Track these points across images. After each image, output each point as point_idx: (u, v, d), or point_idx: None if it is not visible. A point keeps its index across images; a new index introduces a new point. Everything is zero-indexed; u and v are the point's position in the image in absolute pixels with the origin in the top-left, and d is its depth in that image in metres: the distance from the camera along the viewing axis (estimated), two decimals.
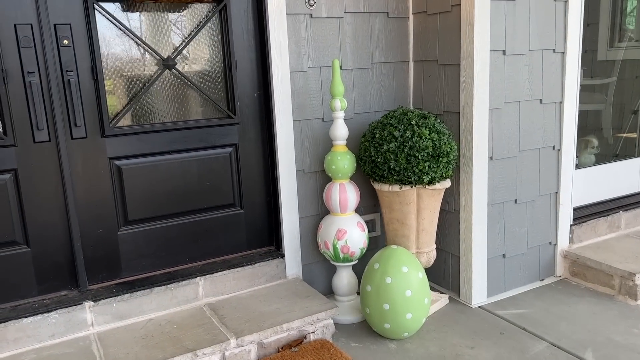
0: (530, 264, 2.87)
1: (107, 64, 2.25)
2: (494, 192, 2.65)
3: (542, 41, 2.66)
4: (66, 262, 2.30)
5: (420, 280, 2.33)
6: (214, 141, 2.51)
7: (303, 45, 2.54)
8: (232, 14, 2.43)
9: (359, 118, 2.76)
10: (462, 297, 2.74)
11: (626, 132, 3.81)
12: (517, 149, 2.69)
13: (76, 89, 2.16)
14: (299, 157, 2.63)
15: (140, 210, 2.41)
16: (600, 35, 3.73)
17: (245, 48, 2.50)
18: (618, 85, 3.72)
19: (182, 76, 2.40)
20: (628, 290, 2.66)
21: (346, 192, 2.50)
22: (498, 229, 2.71)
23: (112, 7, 2.22)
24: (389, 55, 2.78)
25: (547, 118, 2.76)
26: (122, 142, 2.32)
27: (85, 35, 2.17)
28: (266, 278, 2.62)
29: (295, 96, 2.56)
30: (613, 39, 3.74)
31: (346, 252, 2.52)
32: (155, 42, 2.33)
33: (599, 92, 3.81)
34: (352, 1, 2.62)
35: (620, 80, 3.71)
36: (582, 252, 2.88)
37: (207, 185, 2.53)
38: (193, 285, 2.44)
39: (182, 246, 2.53)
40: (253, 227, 2.68)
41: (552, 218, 2.89)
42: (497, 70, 2.54)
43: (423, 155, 2.34)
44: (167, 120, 2.42)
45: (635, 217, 3.23)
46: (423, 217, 2.51)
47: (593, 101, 3.85)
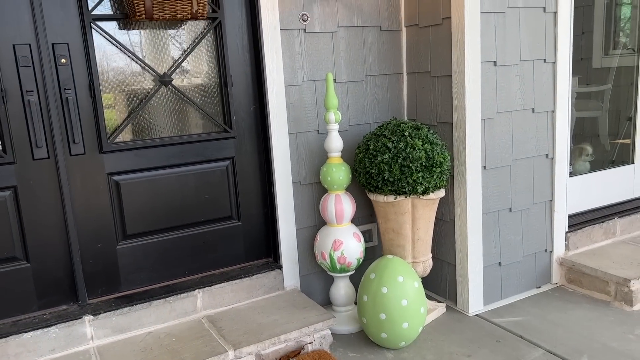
0: (526, 271, 2.89)
1: (105, 81, 2.29)
2: (488, 201, 2.68)
3: (533, 52, 2.70)
4: (66, 276, 2.33)
5: (416, 289, 2.35)
6: (210, 155, 2.55)
7: (297, 60, 2.59)
8: (226, 30, 2.48)
9: (354, 130, 2.80)
10: (459, 305, 2.76)
11: (622, 139, 3.84)
12: (511, 158, 2.72)
13: (74, 106, 2.21)
14: (295, 169, 2.66)
15: (138, 224, 2.44)
16: (595, 43, 3.78)
17: (240, 63, 2.55)
18: (613, 92, 3.75)
19: (179, 92, 2.45)
20: (624, 297, 2.68)
21: (342, 203, 2.53)
22: (493, 238, 2.74)
23: (108, 26, 2.27)
24: (383, 68, 2.83)
25: (540, 127, 2.80)
26: (120, 158, 2.36)
27: (83, 54, 2.22)
28: (264, 290, 2.65)
29: (290, 109, 2.60)
30: (608, 47, 3.78)
31: (343, 263, 2.54)
32: (151, 59, 2.38)
33: (595, 100, 3.85)
34: (344, 15, 2.67)
35: (616, 87, 3.75)
36: (577, 259, 2.91)
37: (204, 199, 2.57)
38: (191, 298, 2.47)
39: (180, 259, 2.56)
40: (250, 239, 2.71)
41: (547, 226, 2.92)
42: (488, 81, 2.58)
43: (416, 166, 2.37)
44: (165, 135, 2.46)
45: (630, 223, 3.25)
46: (418, 226, 2.54)
47: (589, 108, 3.89)
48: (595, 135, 3.89)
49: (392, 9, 2.80)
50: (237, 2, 2.49)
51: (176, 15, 2.15)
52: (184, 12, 2.15)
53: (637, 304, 2.66)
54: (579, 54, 3.93)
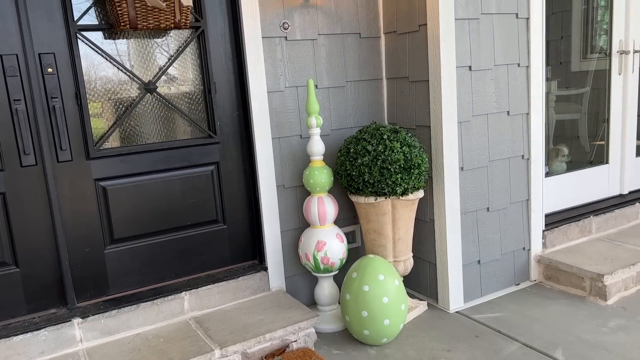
0: (505, 269, 2.98)
1: (91, 89, 2.36)
2: (466, 201, 2.77)
3: (507, 56, 2.80)
4: (54, 281, 2.38)
5: (396, 287, 2.43)
6: (195, 160, 2.61)
7: (279, 67, 2.67)
8: (209, 39, 2.55)
9: (336, 134, 2.88)
10: (440, 303, 2.84)
11: (600, 140, 3.96)
12: (487, 159, 2.81)
13: (61, 114, 2.27)
14: (279, 173, 2.74)
15: (125, 228, 2.50)
16: (574, 47, 3.89)
17: (223, 70, 2.62)
18: (592, 95, 3.87)
19: (164, 99, 2.51)
20: (598, 291, 2.78)
21: (324, 205, 2.60)
22: (472, 237, 2.83)
23: (94, 36, 2.33)
24: (363, 74, 2.91)
25: (515, 129, 2.90)
26: (107, 164, 2.42)
27: (69, 63, 2.28)
28: (250, 291, 2.71)
29: (273, 115, 2.68)
30: (585, 51, 3.90)
31: (326, 263, 2.61)
32: (136, 67, 2.45)
33: (574, 102, 3.97)
34: (325, 23, 2.76)
35: (594, 90, 3.86)
36: (554, 257, 3.00)
37: (190, 203, 2.63)
38: (179, 300, 2.53)
39: (167, 262, 2.62)
40: (236, 242, 2.78)
41: (524, 224, 3.01)
42: (464, 85, 2.67)
43: (395, 168, 2.45)
44: (150, 141, 2.52)
45: (605, 221, 3.36)
46: (398, 226, 2.62)
47: (569, 111, 4.00)
48: (575, 137, 4.00)
49: (371, 16, 2.89)
50: (220, 12, 2.57)
51: (160, 25, 2.22)
52: (167, 22, 2.22)
53: (610, 298, 2.76)
54: (558, 57, 4.04)
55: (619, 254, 2.98)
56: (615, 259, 2.91)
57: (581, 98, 3.92)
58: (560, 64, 4.01)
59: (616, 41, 3.51)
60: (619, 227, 3.42)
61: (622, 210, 3.44)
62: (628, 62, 3.54)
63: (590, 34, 3.86)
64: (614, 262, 2.88)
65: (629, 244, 3.14)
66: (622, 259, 2.91)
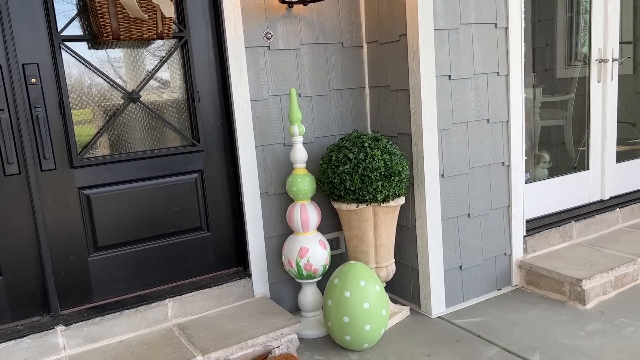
0: (486, 274, 3.02)
1: (75, 99, 2.38)
2: (447, 208, 2.81)
3: (486, 65, 2.86)
4: (38, 288, 2.39)
5: (377, 293, 2.46)
6: (179, 168, 2.64)
7: (262, 76, 2.71)
8: (193, 49, 2.59)
9: (320, 142, 2.92)
10: (422, 308, 2.88)
11: (583, 146, 4.03)
12: (468, 166, 2.86)
13: (44, 123, 2.29)
14: (263, 180, 2.77)
15: (109, 236, 2.52)
16: (558, 54, 3.96)
17: (207, 79, 2.66)
18: (576, 101, 3.93)
19: (147, 108, 2.55)
20: (577, 296, 2.83)
21: (307, 212, 2.64)
22: (453, 242, 2.87)
23: (78, 46, 2.36)
24: (346, 82, 2.96)
25: (495, 136, 2.95)
26: (91, 172, 2.44)
27: (53, 73, 2.31)
28: (234, 297, 2.74)
29: (256, 123, 2.72)
30: (570, 58, 3.97)
31: (309, 270, 2.65)
32: (120, 76, 2.48)
33: (560, 109, 4.04)
34: (307, 33, 2.80)
35: (578, 97, 3.93)
36: (535, 262, 3.05)
37: (174, 211, 2.66)
38: (162, 307, 2.55)
39: (151, 270, 2.64)
40: (220, 249, 2.80)
41: (505, 230, 3.06)
42: (444, 94, 2.72)
43: (376, 175, 2.50)
44: (134, 149, 2.55)
45: (586, 226, 3.41)
46: (380, 233, 2.66)
47: (554, 117, 4.07)
48: (561, 143, 4.07)
49: (354, 26, 2.94)
50: (204, 22, 2.60)
51: (142, 35, 2.25)
52: (149, 33, 2.25)
53: (589, 302, 2.81)
54: (544, 65, 4.12)
55: (598, 259, 3.03)
56: (594, 264, 2.97)
57: (566, 104, 3.99)
58: (545, 70, 4.08)
59: (595, 50, 3.58)
60: (600, 233, 3.47)
61: (602, 216, 3.50)
62: (607, 70, 3.61)
63: (575, 41, 3.94)
64: (592, 267, 2.93)
65: (608, 249, 3.19)
66: (601, 264, 2.97)
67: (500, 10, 2.86)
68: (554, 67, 4.01)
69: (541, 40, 4.05)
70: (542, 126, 4.11)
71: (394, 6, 2.71)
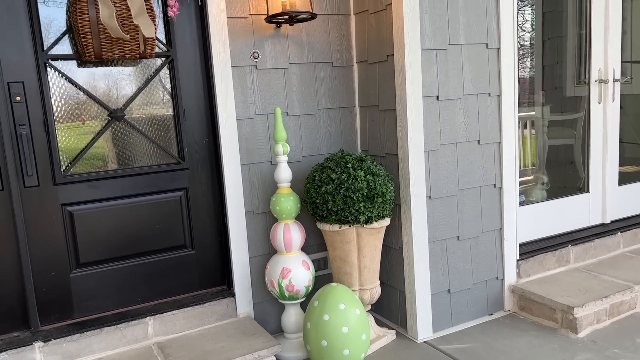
0: (477, 299, 2.95)
1: (59, 116, 2.41)
2: (434, 230, 2.76)
3: (477, 86, 2.82)
4: (19, 304, 2.41)
5: (357, 317, 2.41)
6: (164, 186, 2.65)
7: (249, 95, 2.71)
8: (179, 67, 2.61)
9: (308, 160, 2.91)
10: (409, 332, 2.82)
11: None
12: (457, 188, 2.81)
13: (28, 141, 2.32)
14: (248, 199, 2.76)
15: (92, 253, 2.53)
16: (568, 72, 3.90)
17: (193, 98, 2.67)
18: (586, 120, 3.85)
19: (132, 126, 2.56)
20: (569, 324, 2.74)
21: (290, 232, 2.62)
22: (441, 265, 2.81)
23: (63, 65, 2.40)
24: (336, 101, 2.95)
25: (486, 158, 2.90)
26: (74, 189, 2.46)
27: (38, 91, 2.34)
28: (217, 317, 2.72)
29: (243, 142, 2.71)
30: (579, 76, 3.90)
31: (291, 290, 2.62)
32: (105, 95, 2.51)
33: (569, 127, 3.96)
34: (296, 53, 2.80)
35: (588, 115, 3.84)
36: (528, 287, 2.97)
37: (158, 228, 2.66)
38: (143, 325, 2.54)
39: (133, 287, 2.64)
40: (204, 267, 2.79)
41: (497, 254, 2.99)
42: (431, 115, 2.69)
43: (358, 196, 2.47)
44: (119, 167, 2.57)
45: (584, 250, 3.32)
46: (364, 254, 2.62)
47: (563, 136, 3.99)
48: (569, 162, 3.98)
49: (344, 46, 2.93)
50: (190, 41, 2.63)
51: (125, 55, 2.28)
52: (132, 53, 2.28)
53: (582, 331, 2.71)
54: (553, 82, 4.06)
55: (593, 286, 2.94)
56: (588, 291, 2.87)
57: (575, 123, 3.92)
58: (555, 89, 4.02)
59: (595, 70, 3.51)
60: (599, 257, 3.37)
61: (602, 240, 3.40)
62: (608, 91, 3.53)
63: (584, 59, 3.87)
64: (587, 293, 2.84)
65: (606, 275, 3.09)
66: (596, 290, 2.87)
67: (491, 31, 2.83)
68: (563, 85, 3.94)
69: (551, 58, 4.00)
70: (550, 145, 4.05)
71: (382, 26, 2.70)
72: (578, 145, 3.91)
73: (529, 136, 3.99)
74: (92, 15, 2.14)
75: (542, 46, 4.05)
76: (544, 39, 4.04)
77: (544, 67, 4.04)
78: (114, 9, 2.14)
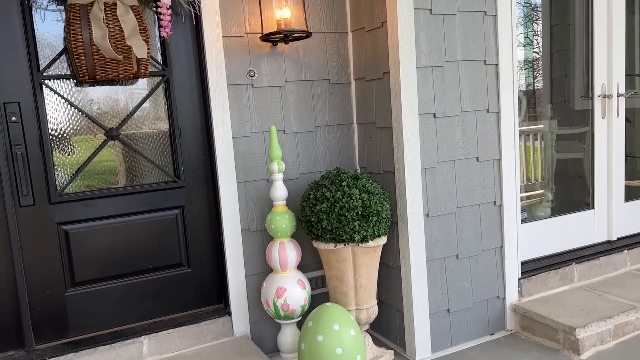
0: (477, 318, 2.89)
1: (55, 136, 2.43)
2: (432, 248, 2.72)
3: (475, 103, 2.79)
4: (13, 323, 2.42)
5: (352, 337, 2.37)
6: (159, 204, 2.65)
7: (245, 113, 2.71)
8: (174, 86, 2.62)
9: (305, 178, 2.89)
10: (407, 352, 2.77)
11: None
12: (455, 206, 2.77)
13: (23, 160, 2.34)
14: (244, 217, 2.75)
15: (87, 271, 2.54)
16: (576, 86, 3.86)
17: (189, 116, 2.68)
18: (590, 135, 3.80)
19: (127, 145, 2.58)
20: (571, 345, 2.67)
21: (285, 250, 2.60)
22: (440, 284, 2.77)
23: (59, 85, 2.42)
24: (333, 119, 2.94)
25: (486, 175, 2.86)
26: (70, 208, 2.47)
27: (34, 111, 2.37)
28: (212, 336, 2.70)
29: (239, 159, 2.71)
30: (588, 89, 3.86)
31: (286, 310, 2.59)
32: (101, 114, 2.52)
33: (578, 141, 3.91)
34: (292, 71, 2.80)
35: None
36: (530, 306, 2.91)
37: (154, 246, 2.66)
38: (137, 344, 2.53)
39: (129, 305, 2.63)
40: (200, 286, 2.78)
41: (498, 272, 2.94)
42: (428, 132, 2.66)
43: (352, 215, 2.44)
44: (114, 186, 2.58)
45: (589, 269, 3.25)
46: (360, 274, 2.59)
47: (571, 150, 3.94)
48: (578, 176, 3.92)
49: (341, 63, 2.93)
50: (186, 60, 2.64)
51: (118, 75, 2.29)
52: (125, 73, 2.29)
53: (584, 352, 2.64)
54: (561, 96, 4.01)
55: (597, 305, 2.87)
56: (592, 311, 2.80)
57: (584, 137, 3.86)
58: (563, 102, 3.97)
59: (598, 84, 3.46)
60: (605, 276, 3.30)
61: (608, 258, 3.33)
62: (612, 106, 3.48)
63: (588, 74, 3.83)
64: (590, 314, 2.77)
65: (611, 294, 3.02)
66: (600, 310, 2.80)
67: (490, 47, 2.80)
68: (571, 98, 3.90)
69: (559, 71, 3.96)
70: (558, 159, 3.99)
71: (378, 43, 2.69)
72: (587, 159, 3.85)
73: (538, 149, 3.94)
74: (85, 37, 2.16)
75: (550, 59, 4.01)
76: (552, 51, 4.00)
77: (552, 80, 4.00)
78: (107, 30, 2.16)
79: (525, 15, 3.87)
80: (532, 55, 4.02)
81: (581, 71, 3.79)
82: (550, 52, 3.99)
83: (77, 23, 2.15)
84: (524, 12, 3.83)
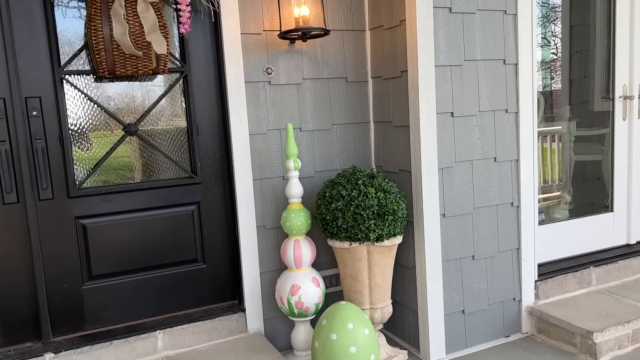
0: (493, 320, 2.87)
1: (74, 131, 2.46)
2: (448, 249, 2.70)
3: (493, 102, 2.76)
4: (31, 315, 2.45)
5: (366, 336, 2.37)
6: (176, 200, 2.67)
7: (262, 110, 2.72)
8: (193, 83, 2.63)
9: (320, 176, 2.89)
10: (421, 353, 2.75)
11: None
12: (472, 206, 2.75)
13: (44, 155, 2.37)
14: (260, 214, 2.75)
15: (104, 265, 2.56)
16: (596, 87, 3.81)
17: (207, 113, 2.69)
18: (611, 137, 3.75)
19: (145, 141, 2.59)
20: (588, 349, 2.63)
21: (300, 248, 2.60)
22: (455, 285, 2.74)
23: (79, 80, 2.45)
24: (350, 117, 2.93)
25: (503, 176, 2.83)
26: (88, 203, 2.50)
27: (54, 106, 2.39)
28: (226, 332, 2.71)
29: (255, 157, 2.72)
30: (607, 90, 3.81)
31: (300, 308, 2.59)
32: (119, 110, 2.54)
33: (597, 143, 3.86)
34: (310, 68, 2.80)
35: None
36: (546, 309, 2.87)
37: (170, 242, 2.67)
38: (152, 339, 2.55)
39: (145, 300, 2.65)
40: (215, 282, 2.79)
41: (514, 274, 2.91)
42: (445, 131, 2.64)
43: (368, 214, 2.43)
44: (132, 181, 2.60)
45: (607, 272, 3.20)
46: (375, 273, 2.58)
47: (590, 152, 3.89)
48: (597, 178, 3.87)
49: (359, 61, 2.92)
50: (204, 57, 2.65)
51: (137, 71, 2.31)
52: (145, 69, 2.31)
53: (601, 357, 2.61)
54: (580, 97, 3.96)
55: (615, 310, 2.83)
56: (610, 315, 2.76)
57: (603, 139, 3.81)
58: (582, 103, 3.92)
59: (619, 85, 3.41)
60: (623, 280, 3.25)
61: (627, 262, 3.27)
62: (633, 107, 3.43)
63: (608, 74, 3.77)
64: (608, 318, 2.73)
65: (629, 298, 2.98)
66: (618, 315, 2.76)
67: (509, 46, 2.77)
68: (590, 99, 3.84)
69: (578, 72, 3.91)
70: (576, 161, 3.94)
71: (396, 42, 2.68)
72: (606, 162, 3.79)
73: (556, 151, 3.90)
74: (105, 32, 2.17)
75: (569, 59, 3.95)
76: (572, 52, 3.95)
77: (571, 81, 3.95)
78: (127, 26, 2.17)
79: (544, 15, 3.82)
80: (550, 56, 3.97)
81: (601, 72, 3.74)
82: (570, 52, 3.94)
83: (98, 19, 2.17)
84: (543, 12, 3.79)
